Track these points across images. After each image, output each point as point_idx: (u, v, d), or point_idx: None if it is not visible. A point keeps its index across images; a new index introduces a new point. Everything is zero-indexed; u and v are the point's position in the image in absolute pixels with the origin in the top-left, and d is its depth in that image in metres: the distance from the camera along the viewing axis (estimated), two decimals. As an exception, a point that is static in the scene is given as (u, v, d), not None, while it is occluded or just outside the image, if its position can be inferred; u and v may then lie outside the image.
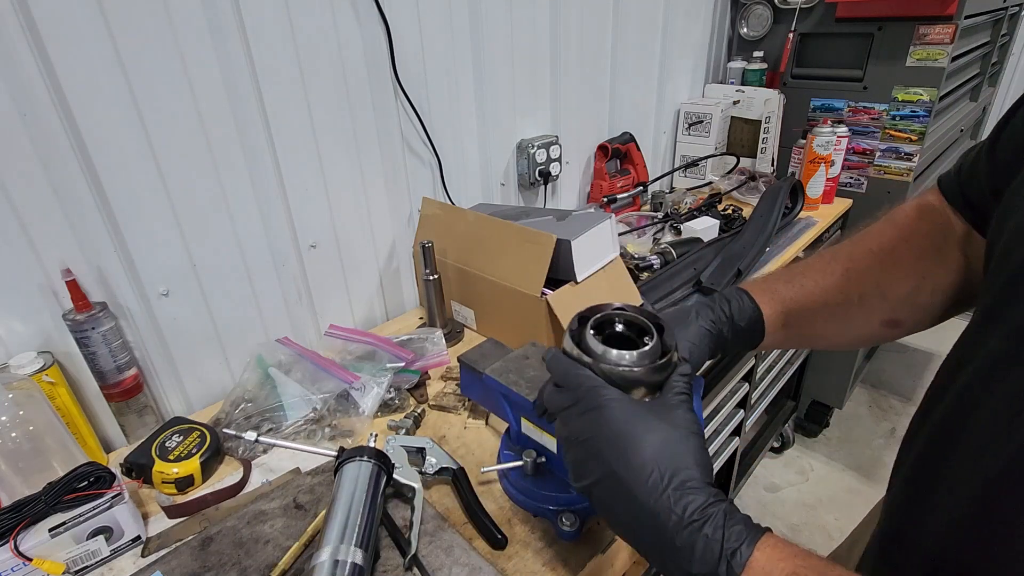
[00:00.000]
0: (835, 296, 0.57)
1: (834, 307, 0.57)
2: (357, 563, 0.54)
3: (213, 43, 0.81)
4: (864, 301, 0.57)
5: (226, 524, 0.68)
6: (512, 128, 1.30)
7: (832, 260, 0.59)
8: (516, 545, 0.64)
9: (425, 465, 0.72)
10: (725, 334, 0.56)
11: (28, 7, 0.66)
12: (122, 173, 0.78)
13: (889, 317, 0.57)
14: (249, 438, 0.73)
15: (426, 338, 1.00)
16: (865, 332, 0.59)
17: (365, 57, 0.98)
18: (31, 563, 0.59)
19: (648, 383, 0.47)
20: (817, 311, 0.58)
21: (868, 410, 2.33)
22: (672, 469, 0.40)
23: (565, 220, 1.08)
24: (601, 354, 0.47)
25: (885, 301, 0.56)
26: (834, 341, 0.62)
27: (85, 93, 0.72)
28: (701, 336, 0.55)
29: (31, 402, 0.68)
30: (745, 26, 1.79)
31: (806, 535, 1.83)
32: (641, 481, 0.40)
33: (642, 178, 1.57)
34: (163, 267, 0.85)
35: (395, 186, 1.12)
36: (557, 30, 1.30)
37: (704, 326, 0.55)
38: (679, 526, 0.38)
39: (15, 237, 0.72)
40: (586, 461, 0.44)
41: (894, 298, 0.56)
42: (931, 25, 1.46)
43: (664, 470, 0.40)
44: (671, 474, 0.40)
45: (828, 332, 0.60)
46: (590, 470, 0.43)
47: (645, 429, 0.42)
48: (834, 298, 0.57)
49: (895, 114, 1.58)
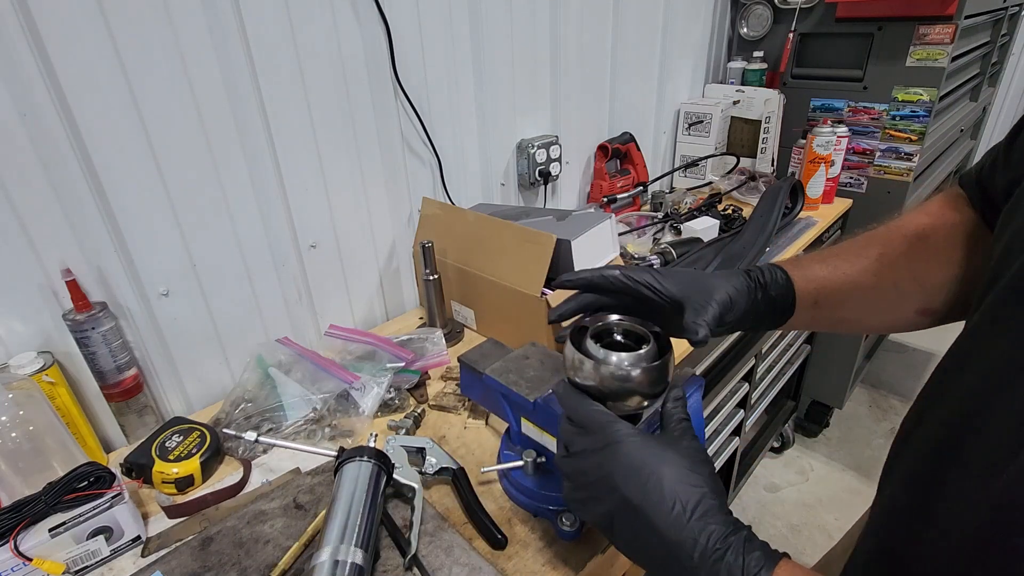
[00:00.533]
0: (869, 280, 0.56)
1: (867, 290, 0.56)
2: (357, 563, 0.54)
3: (213, 43, 0.81)
4: (899, 287, 0.55)
5: (226, 524, 0.68)
6: (512, 128, 1.30)
7: (867, 244, 0.58)
8: (516, 545, 0.64)
9: (425, 465, 0.72)
10: (758, 300, 0.55)
11: (28, 7, 0.66)
12: (122, 173, 0.78)
13: (924, 306, 0.56)
14: (249, 438, 0.73)
15: (426, 338, 1.00)
16: (898, 318, 0.58)
17: (365, 57, 0.98)
18: (31, 563, 0.59)
19: (647, 383, 0.49)
20: (850, 293, 0.57)
21: (868, 410, 2.33)
22: (694, 500, 0.41)
23: (565, 220, 1.08)
24: (602, 358, 0.49)
25: (921, 289, 0.55)
26: (864, 325, 0.61)
27: (85, 93, 0.72)
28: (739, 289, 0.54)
29: (31, 402, 0.68)
30: (745, 26, 1.79)
31: (806, 535, 1.83)
32: (664, 513, 0.41)
33: (642, 178, 1.57)
34: (163, 267, 0.85)
35: (395, 186, 1.12)
36: (557, 30, 1.30)
37: (745, 282, 0.55)
38: (704, 556, 0.40)
39: (15, 237, 0.72)
40: (601, 496, 0.45)
41: (930, 286, 0.55)
42: (931, 25, 1.45)
43: (686, 501, 0.41)
44: (693, 505, 0.41)
45: (859, 316, 0.59)
46: (605, 503, 0.45)
47: (660, 461, 0.43)
48: (868, 281, 0.56)
49: (895, 114, 1.58)
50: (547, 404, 0.63)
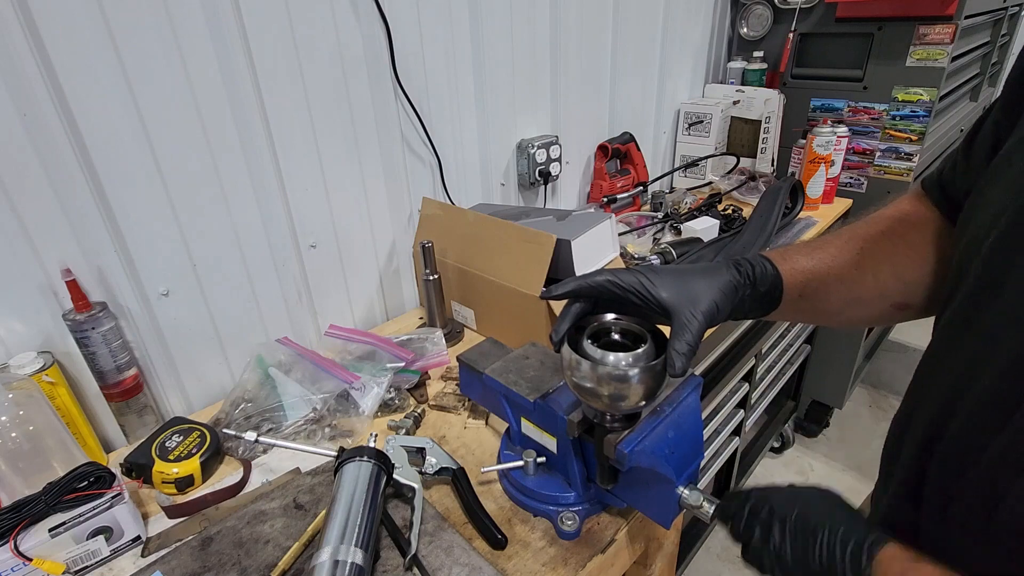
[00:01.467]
0: (852, 273, 0.57)
1: (850, 284, 0.58)
2: (357, 563, 0.54)
3: (213, 43, 0.81)
4: (879, 281, 0.57)
5: (226, 524, 0.68)
6: (512, 128, 1.30)
7: (849, 239, 0.59)
8: (516, 545, 0.64)
9: (425, 465, 0.72)
10: (745, 297, 0.56)
11: (28, 7, 0.66)
12: (122, 173, 0.78)
13: (901, 300, 0.57)
14: (249, 438, 0.73)
15: (426, 338, 1.00)
16: (876, 312, 0.60)
17: (365, 57, 0.98)
18: (31, 563, 0.59)
19: (645, 383, 0.49)
20: (833, 286, 0.58)
21: (868, 410, 2.33)
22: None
23: (565, 220, 1.08)
24: (599, 358, 0.50)
25: (899, 282, 0.57)
26: (844, 317, 0.62)
27: (85, 93, 0.72)
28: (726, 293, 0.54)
29: (31, 402, 0.68)
30: (745, 26, 1.79)
31: (806, 535, 1.83)
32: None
33: (642, 178, 1.57)
34: (163, 267, 0.85)
35: (395, 186, 1.12)
36: (557, 29, 1.30)
37: (732, 281, 0.55)
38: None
39: (15, 237, 0.72)
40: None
41: (907, 280, 0.57)
42: (931, 25, 1.46)
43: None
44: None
45: (840, 308, 0.60)
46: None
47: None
48: (851, 275, 0.57)
49: (895, 114, 1.58)
50: (547, 404, 0.63)
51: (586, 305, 0.55)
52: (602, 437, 0.56)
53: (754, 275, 0.55)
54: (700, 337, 0.49)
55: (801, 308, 0.59)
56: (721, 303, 0.52)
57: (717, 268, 0.55)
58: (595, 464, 0.61)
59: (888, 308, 0.58)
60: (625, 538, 0.67)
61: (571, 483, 0.65)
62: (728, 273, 0.55)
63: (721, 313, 0.53)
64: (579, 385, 0.51)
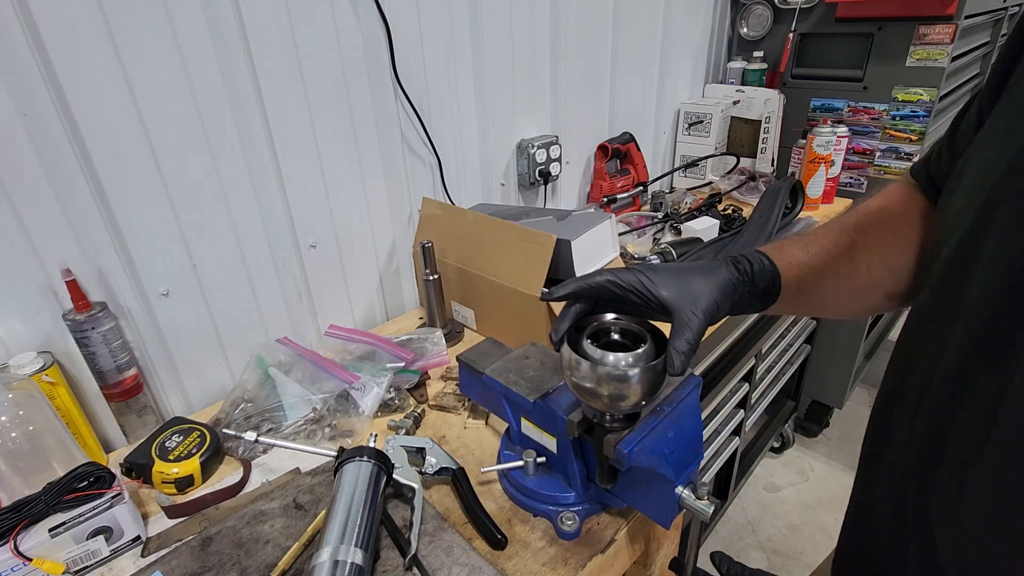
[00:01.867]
0: (847, 266, 0.58)
1: (846, 276, 0.58)
2: (357, 563, 0.54)
3: (213, 43, 0.81)
4: (871, 271, 0.57)
5: (226, 524, 0.68)
6: (512, 128, 1.30)
7: (841, 231, 0.59)
8: (516, 545, 0.64)
9: (425, 465, 0.72)
10: (744, 293, 0.56)
11: (28, 7, 0.66)
12: (122, 173, 0.78)
13: (892, 289, 0.58)
14: (249, 438, 0.73)
15: (426, 338, 1.00)
16: (871, 303, 0.60)
17: (365, 57, 0.98)
18: (31, 563, 0.59)
19: (645, 383, 0.50)
20: (829, 279, 0.58)
21: (868, 410, 2.32)
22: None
23: (565, 220, 1.08)
24: (599, 358, 0.50)
25: (890, 272, 0.57)
26: (839, 310, 0.62)
27: (85, 93, 0.72)
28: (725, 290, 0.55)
29: (31, 402, 0.68)
30: (745, 26, 1.79)
31: (806, 535, 1.83)
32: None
33: (642, 178, 1.57)
34: (163, 267, 0.85)
35: (395, 186, 1.12)
36: (557, 29, 1.30)
37: (731, 279, 0.55)
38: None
39: (15, 237, 0.72)
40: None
41: (897, 269, 0.57)
42: (931, 25, 1.46)
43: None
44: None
45: (837, 300, 0.60)
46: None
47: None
48: (846, 268, 0.58)
49: (895, 114, 1.58)
50: (547, 404, 0.63)
51: (586, 305, 0.55)
52: (602, 437, 0.56)
53: (752, 272, 0.56)
54: (700, 336, 0.49)
55: (798, 302, 0.59)
56: (721, 301, 0.52)
57: (716, 266, 0.55)
58: (595, 464, 0.61)
59: (882, 298, 0.59)
60: (625, 538, 0.67)
61: (571, 483, 0.65)
62: (727, 271, 0.55)
63: (721, 311, 0.53)
64: (579, 385, 0.51)
